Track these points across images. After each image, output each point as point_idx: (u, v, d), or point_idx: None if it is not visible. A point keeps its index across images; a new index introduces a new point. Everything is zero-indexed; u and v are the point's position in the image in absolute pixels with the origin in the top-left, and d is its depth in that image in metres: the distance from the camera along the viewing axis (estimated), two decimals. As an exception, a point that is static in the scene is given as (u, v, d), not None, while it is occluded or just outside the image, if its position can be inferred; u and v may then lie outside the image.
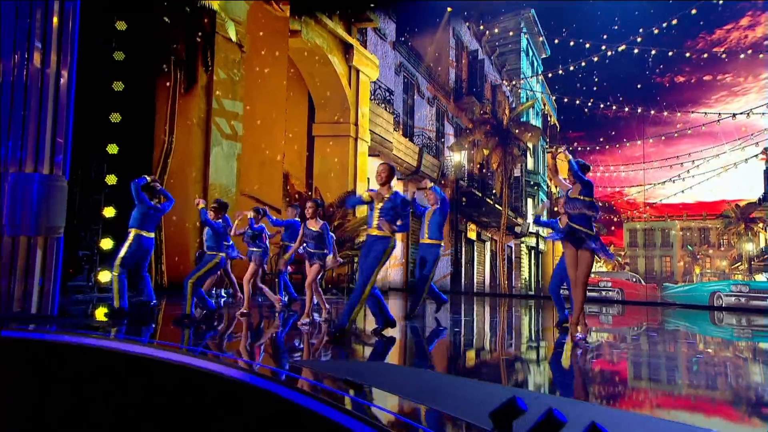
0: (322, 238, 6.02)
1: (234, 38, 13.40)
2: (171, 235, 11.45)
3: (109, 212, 9.64)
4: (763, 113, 16.10)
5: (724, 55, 17.70)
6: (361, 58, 17.91)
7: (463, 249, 20.27)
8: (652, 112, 17.01)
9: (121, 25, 10.12)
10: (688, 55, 17.79)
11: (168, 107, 12.03)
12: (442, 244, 7.74)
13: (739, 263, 19.97)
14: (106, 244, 9.52)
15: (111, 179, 9.65)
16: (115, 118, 9.76)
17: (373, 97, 18.37)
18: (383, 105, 18.83)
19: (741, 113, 16.40)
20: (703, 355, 6.05)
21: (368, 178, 17.94)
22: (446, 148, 21.94)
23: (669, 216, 20.13)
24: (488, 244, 21.59)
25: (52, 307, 5.80)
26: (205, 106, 12.74)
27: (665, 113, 15.95)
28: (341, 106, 17.52)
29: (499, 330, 8.12)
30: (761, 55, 17.43)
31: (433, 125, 21.95)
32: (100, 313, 7.38)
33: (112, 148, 9.69)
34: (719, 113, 16.61)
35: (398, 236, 18.95)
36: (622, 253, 21.02)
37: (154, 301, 7.18)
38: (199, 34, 12.82)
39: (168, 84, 12.05)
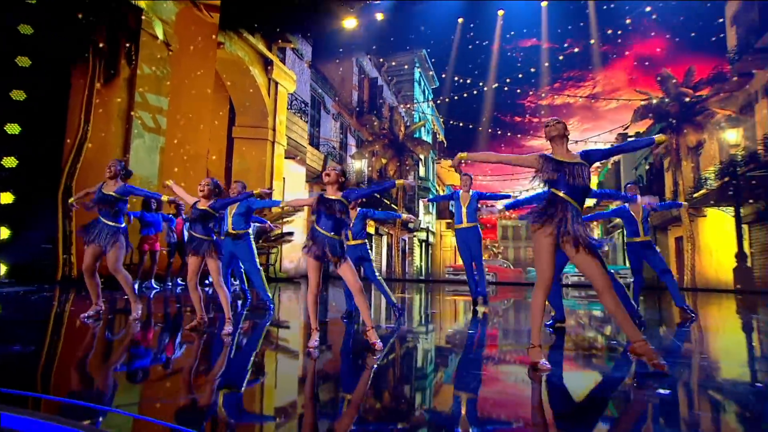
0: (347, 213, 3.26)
1: (161, 37, 10.81)
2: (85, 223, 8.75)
3: (6, 198, 6.85)
4: (594, 141, 17.07)
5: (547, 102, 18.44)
6: (280, 73, 15.88)
7: (363, 241, 19.04)
8: (519, 135, 17.19)
9: (30, -1, 7.33)
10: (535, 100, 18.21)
11: (85, 95, 9.24)
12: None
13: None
14: (2, 233, 6.73)
15: (9, 162, 6.85)
16: (18, 95, 6.98)
17: (290, 106, 16.40)
18: (299, 114, 16.92)
19: (577, 142, 17.20)
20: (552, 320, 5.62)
21: (284, 178, 15.93)
22: (349, 156, 20.48)
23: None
24: (385, 237, 20.52)
25: None
26: (127, 98, 10.05)
27: (528, 137, 16.18)
28: (260, 112, 15.40)
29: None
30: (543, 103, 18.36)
31: (337, 137, 20.37)
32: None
33: (12, 128, 6.89)
34: (594, 140, 17.40)
35: (302, 225, 16.68)
36: (497, 245, 21.11)
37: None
38: (123, 29, 10.14)
39: (86, 72, 9.28)
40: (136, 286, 8.14)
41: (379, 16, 16.66)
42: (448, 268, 18.76)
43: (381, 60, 20.51)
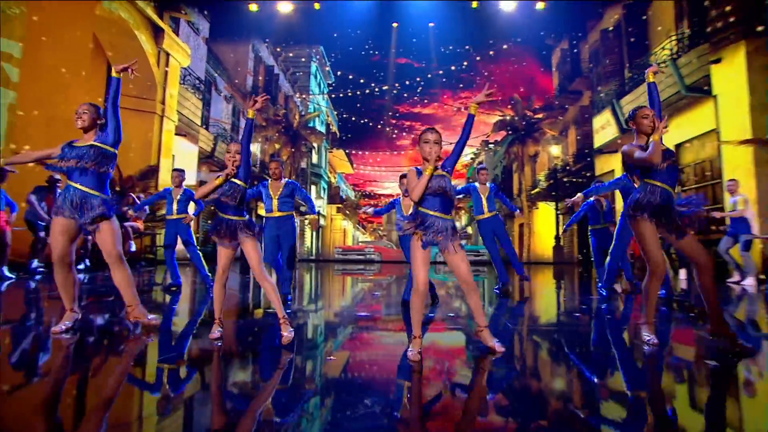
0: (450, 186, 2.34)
1: (11, -32, 7.65)
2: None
3: None
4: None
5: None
6: (172, 44, 12.98)
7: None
8: (402, 134, 16.93)
9: None
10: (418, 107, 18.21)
11: None
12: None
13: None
14: None
15: None
16: None
17: (183, 81, 13.55)
18: (192, 91, 14.11)
19: (451, 143, 17.64)
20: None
21: (173, 155, 13.17)
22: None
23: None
24: (278, 219, 18.64)
25: None
26: (-42, 36, 6.88)
27: (402, 136, 16.06)
28: (147, 82, 12.39)
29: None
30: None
31: (228, 119, 17.72)
32: None
33: None
34: (451, 142, 17.58)
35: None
36: (382, 228, 20.82)
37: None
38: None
39: None
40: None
41: (284, 7, 14.50)
42: (337, 248, 17.97)
43: (278, 49, 18.35)
